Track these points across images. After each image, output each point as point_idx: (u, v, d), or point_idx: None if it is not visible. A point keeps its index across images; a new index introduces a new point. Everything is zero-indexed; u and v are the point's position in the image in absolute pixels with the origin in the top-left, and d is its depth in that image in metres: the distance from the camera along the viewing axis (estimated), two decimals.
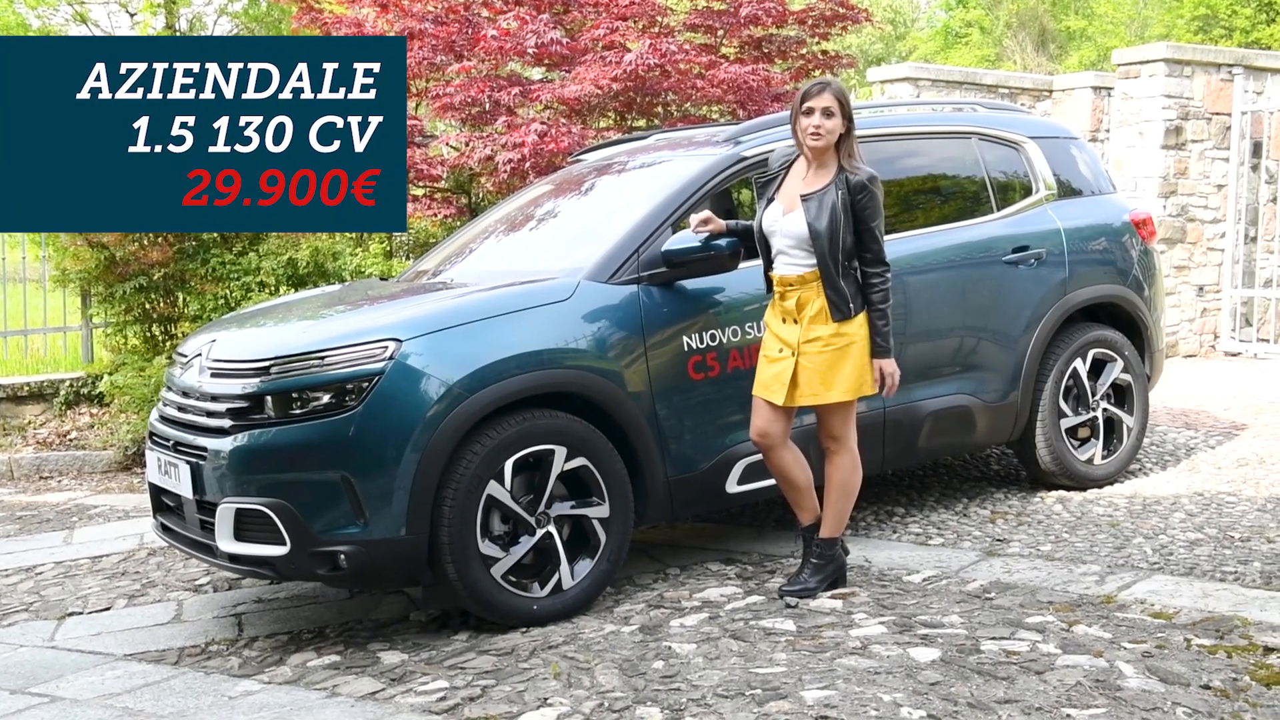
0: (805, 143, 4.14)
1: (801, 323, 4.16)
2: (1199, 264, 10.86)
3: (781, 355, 4.19)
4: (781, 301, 4.23)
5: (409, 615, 4.48)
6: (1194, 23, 31.23)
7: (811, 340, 4.14)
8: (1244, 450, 6.59)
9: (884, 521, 5.39)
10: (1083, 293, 5.71)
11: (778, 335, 4.23)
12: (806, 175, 4.20)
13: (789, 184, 4.25)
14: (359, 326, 4.26)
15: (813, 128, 4.10)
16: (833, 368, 4.14)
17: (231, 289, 7.73)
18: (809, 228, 4.09)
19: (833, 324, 4.13)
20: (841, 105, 4.09)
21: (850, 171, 4.13)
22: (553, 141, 7.42)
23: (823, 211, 4.08)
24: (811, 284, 4.14)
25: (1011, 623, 3.86)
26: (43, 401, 8.34)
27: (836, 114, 4.09)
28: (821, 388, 4.15)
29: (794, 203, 4.16)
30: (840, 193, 4.09)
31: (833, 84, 4.12)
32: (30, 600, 4.90)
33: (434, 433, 3.98)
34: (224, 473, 4.04)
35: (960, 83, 11.80)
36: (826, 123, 4.08)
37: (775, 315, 4.28)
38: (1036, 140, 5.91)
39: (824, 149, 4.13)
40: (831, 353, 4.14)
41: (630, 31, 8.20)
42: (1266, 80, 10.78)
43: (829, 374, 4.14)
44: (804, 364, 4.15)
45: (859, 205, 4.11)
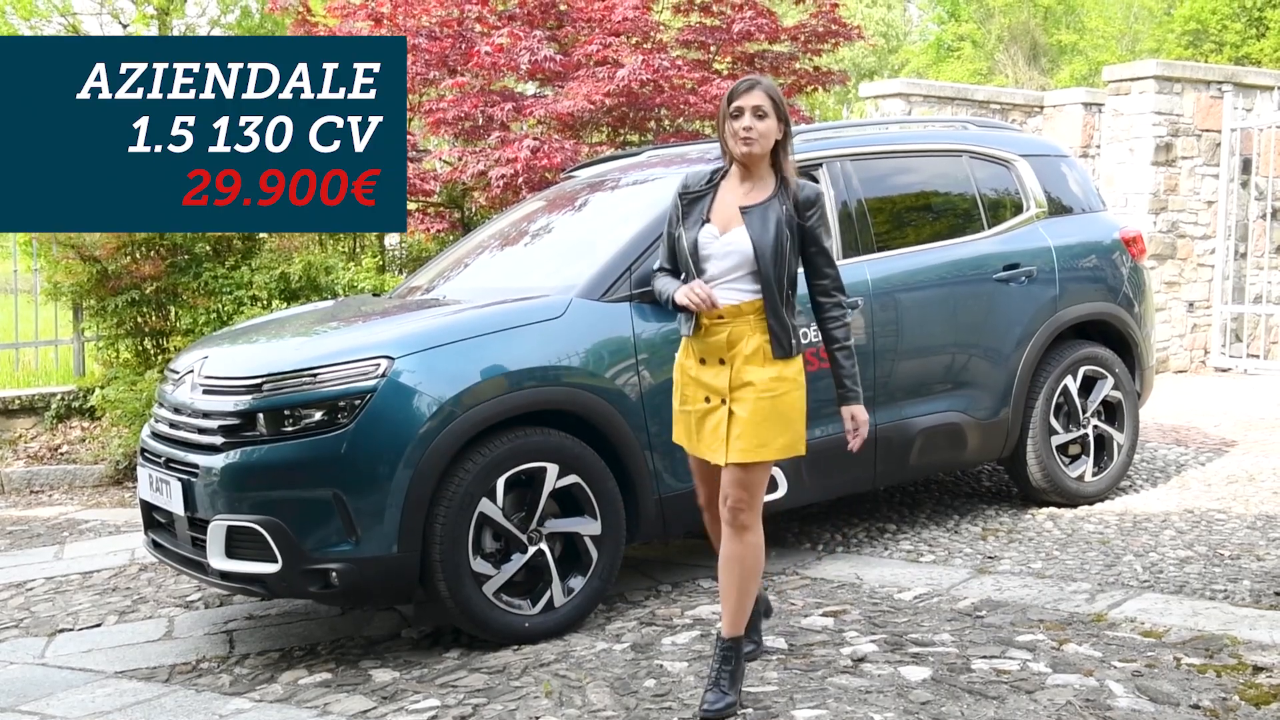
0: (736, 149, 3.54)
1: (732, 364, 3.48)
2: (1189, 280, 10.90)
3: (711, 405, 3.52)
4: (707, 338, 3.52)
5: (401, 632, 4.47)
6: (1184, 37, 31.40)
7: (745, 385, 3.46)
8: (1234, 467, 6.62)
9: (875, 538, 5.40)
10: (1073, 310, 5.74)
11: (699, 380, 3.54)
12: (742, 189, 3.58)
13: (722, 200, 3.60)
14: (351, 344, 4.26)
15: (743, 130, 3.50)
16: (768, 419, 3.45)
17: (224, 303, 7.72)
18: (754, 245, 3.47)
19: (772, 365, 3.46)
20: (775, 105, 3.51)
21: (794, 184, 3.57)
22: (546, 157, 7.44)
23: (767, 227, 3.49)
24: (748, 316, 3.49)
25: (1002, 641, 3.87)
26: (34, 415, 8.32)
27: (770, 115, 3.51)
28: (754, 442, 3.44)
29: (732, 219, 3.54)
30: (785, 207, 3.51)
31: (763, 82, 3.56)
32: (21, 616, 4.89)
33: (426, 450, 3.99)
34: (216, 490, 4.04)
35: (952, 98, 11.84)
36: (759, 124, 3.50)
37: (692, 356, 3.58)
38: (1027, 158, 5.94)
39: (758, 156, 3.53)
40: (768, 401, 3.45)
41: (623, 47, 8.22)
42: (1256, 97, 10.85)
43: (763, 427, 3.45)
44: (736, 413, 3.46)
45: (810, 222, 3.55)
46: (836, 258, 5.08)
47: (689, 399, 3.60)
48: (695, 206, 3.63)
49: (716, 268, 3.52)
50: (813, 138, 5.36)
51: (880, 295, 5.11)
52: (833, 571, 4.89)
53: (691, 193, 3.67)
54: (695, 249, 3.56)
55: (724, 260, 3.51)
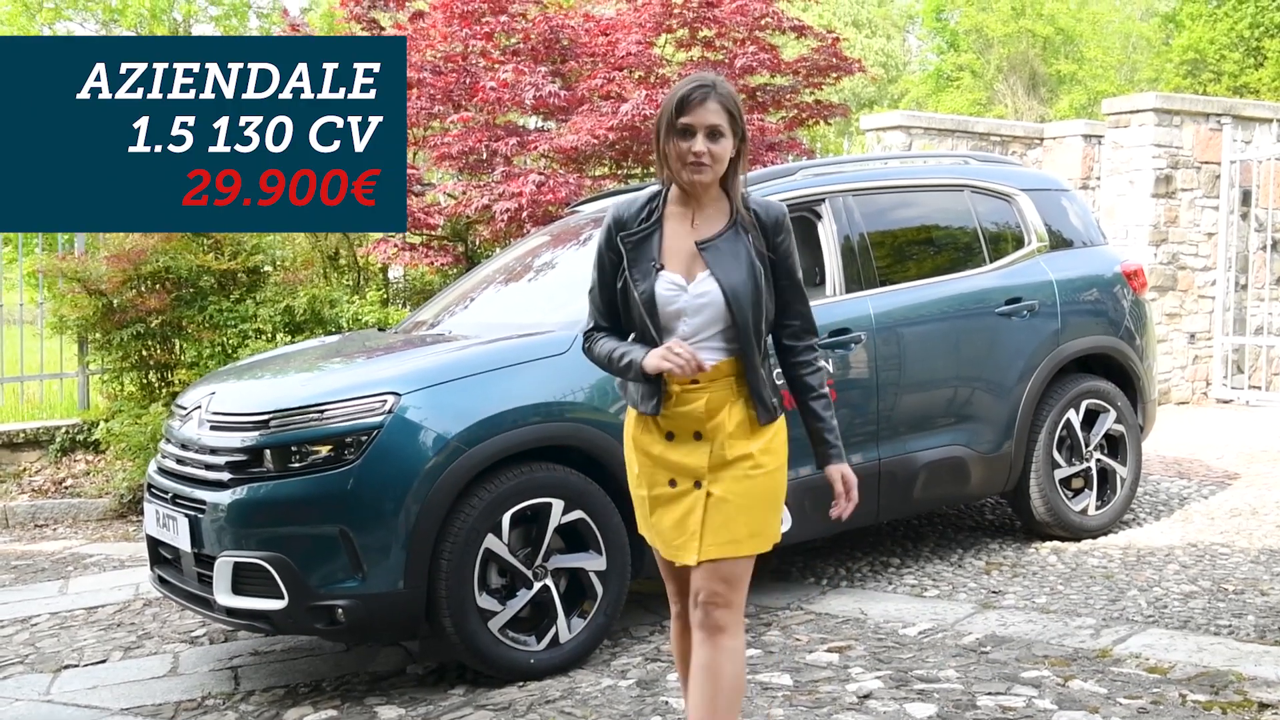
0: (682, 176, 2.82)
1: (713, 438, 2.81)
2: (1190, 311, 10.93)
3: (678, 489, 2.84)
4: (678, 408, 2.83)
5: (406, 668, 4.48)
6: (1183, 67, 31.60)
7: (734, 462, 2.80)
8: (1237, 500, 6.62)
9: (879, 572, 5.41)
10: (1075, 344, 5.76)
11: (664, 460, 2.85)
12: (689, 217, 2.88)
13: (673, 236, 2.88)
14: (358, 380, 4.29)
15: (693, 156, 2.78)
16: (758, 502, 2.82)
17: (228, 336, 7.75)
18: (725, 292, 2.79)
19: (759, 435, 2.84)
20: (733, 120, 2.80)
21: (749, 203, 2.90)
22: (550, 192, 7.49)
23: (738, 266, 2.81)
24: (727, 379, 2.82)
25: (1007, 677, 3.87)
26: (38, 448, 8.33)
27: (726, 132, 2.79)
28: (745, 531, 2.80)
29: (692, 262, 2.84)
30: (750, 236, 2.84)
31: (718, 87, 2.80)
32: (26, 652, 4.89)
33: (432, 486, 4.01)
34: (222, 526, 4.06)
35: (953, 131, 11.91)
36: (714, 147, 2.78)
37: (654, 431, 2.87)
38: (1028, 192, 5.98)
39: (710, 184, 2.85)
40: (758, 480, 2.82)
41: (627, 81, 8.29)
42: (1255, 129, 10.91)
43: (753, 512, 2.81)
44: (721, 496, 2.79)
45: (782, 250, 2.89)
46: (839, 292, 5.17)
47: (650, 481, 2.89)
48: (642, 249, 2.88)
49: (688, 326, 2.82)
50: (816, 174, 5.41)
51: (883, 329, 5.13)
52: (837, 606, 4.89)
53: (633, 233, 2.89)
54: (653, 305, 2.83)
55: (697, 316, 2.82)
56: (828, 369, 3.53)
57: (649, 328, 2.83)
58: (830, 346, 4.96)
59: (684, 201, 2.89)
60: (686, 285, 2.82)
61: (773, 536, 2.86)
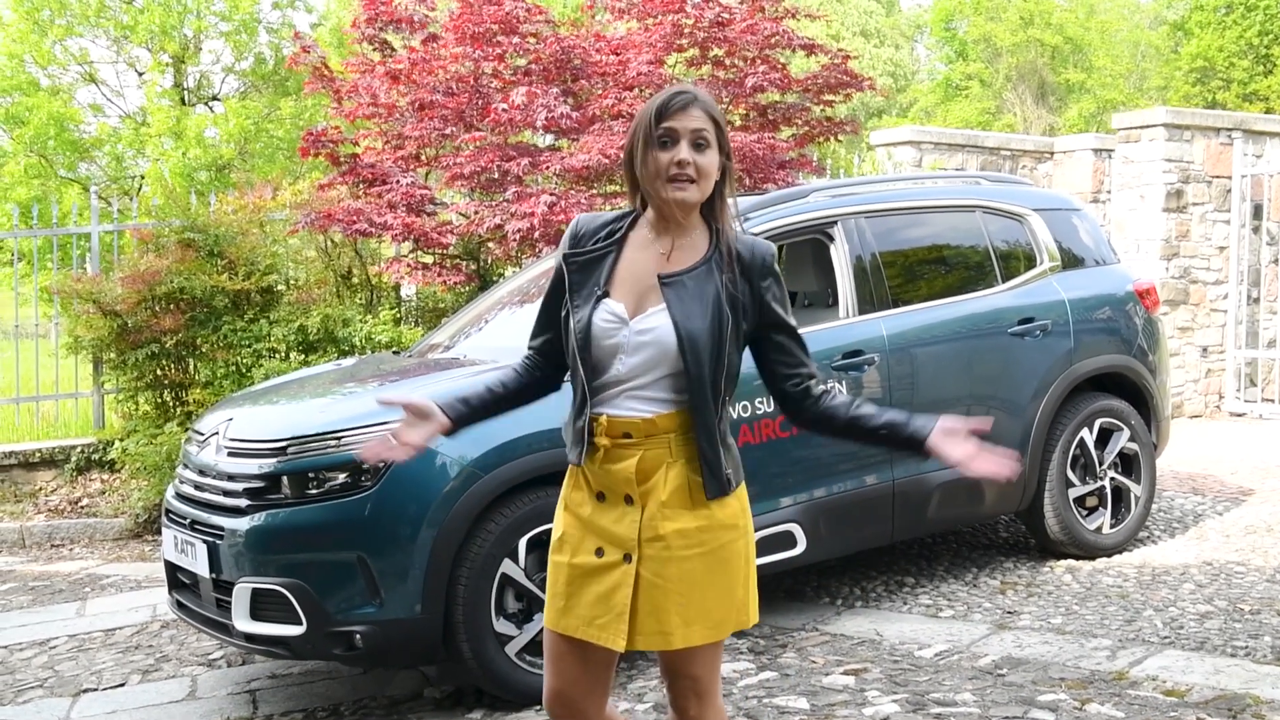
0: (664, 193, 2.40)
1: (645, 504, 2.40)
2: (1202, 325, 10.92)
3: (607, 561, 2.41)
4: (605, 464, 2.43)
5: (423, 692, 4.49)
6: (1192, 75, 31.59)
7: (662, 537, 2.39)
8: (1252, 517, 6.61)
9: (894, 592, 5.41)
10: (1088, 363, 5.77)
11: (594, 524, 2.45)
12: (659, 246, 2.46)
13: (630, 263, 2.47)
14: (374, 406, 4.30)
15: (676, 167, 2.38)
16: (695, 588, 2.39)
17: (242, 355, 7.79)
18: (679, 334, 2.37)
19: (702, 509, 2.41)
20: (718, 130, 2.43)
21: (735, 238, 2.47)
22: (562, 212, 7.51)
23: (700, 306, 2.39)
24: (666, 436, 2.41)
25: (1024, 700, 3.87)
26: (54, 468, 8.38)
27: (712, 144, 2.41)
28: (678, 620, 2.38)
29: (646, 294, 2.43)
30: (725, 276, 2.42)
31: (700, 95, 2.43)
32: (45, 676, 4.92)
33: (449, 512, 4.03)
34: (240, 552, 4.08)
35: (963, 145, 11.92)
36: (700, 158, 2.39)
37: (584, 489, 2.48)
38: (1039, 212, 5.99)
39: (694, 204, 2.43)
40: (699, 556, 2.39)
41: (637, 101, 8.31)
42: (1265, 144, 10.91)
43: (688, 598, 2.39)
44: (650, 577, 2.38)
45: (766, 294, 2.46)
46: (852, 314, 5.18)
47: (575, 548, 2.46)
48: (588, 271, 2.47)
49: (624, 366, 2.41)
50: (828, 195, 5.43)
51: (896, 350, 5.15)
52: (852, 627, 4.90)
53: (583, 252, 2.50)
54: (587, 337, 2.42)
55: (634, 356, 2.40)
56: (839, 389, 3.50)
57: (579, 364, 2.43)
58: (844, 368, 4.98)
59: (659, 229, 2.47)
60: (628, 319, 2.41)
61: (732, 623, 2.44)
